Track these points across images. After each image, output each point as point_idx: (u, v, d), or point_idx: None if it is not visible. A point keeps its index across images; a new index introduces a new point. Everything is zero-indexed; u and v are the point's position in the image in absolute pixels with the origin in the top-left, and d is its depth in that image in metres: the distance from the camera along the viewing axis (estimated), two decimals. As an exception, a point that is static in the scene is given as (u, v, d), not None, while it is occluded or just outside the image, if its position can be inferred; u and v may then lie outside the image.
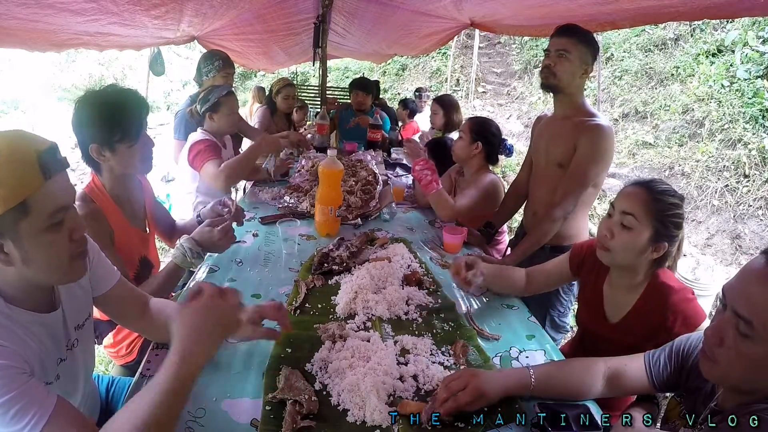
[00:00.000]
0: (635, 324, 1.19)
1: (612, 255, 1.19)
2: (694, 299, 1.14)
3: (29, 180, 0.70)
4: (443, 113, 3.43)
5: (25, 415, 0.67)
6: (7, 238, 0.72)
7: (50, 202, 0.73)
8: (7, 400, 0.67)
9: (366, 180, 2.26)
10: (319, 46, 4.15)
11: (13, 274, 0.76)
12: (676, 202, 1.13)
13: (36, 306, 0.83)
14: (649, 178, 1.20)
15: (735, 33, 6.22)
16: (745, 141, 5.29)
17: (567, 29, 1.65)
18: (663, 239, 1.13)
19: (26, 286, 0.80)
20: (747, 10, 1.61)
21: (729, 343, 0.75)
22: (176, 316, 0.79)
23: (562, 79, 1.66)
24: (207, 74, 2.69)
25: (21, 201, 0.70)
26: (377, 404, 0.91)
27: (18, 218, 0.71)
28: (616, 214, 1.17)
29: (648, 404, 1.09)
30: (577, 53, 1.62)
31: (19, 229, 0.71)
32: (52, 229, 0.74)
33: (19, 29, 1.67)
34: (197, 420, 0.89)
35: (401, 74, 11.88)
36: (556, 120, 1.78)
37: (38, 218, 0.72)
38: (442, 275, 1.57)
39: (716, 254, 4.74)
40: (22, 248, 0.73)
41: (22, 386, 0.69)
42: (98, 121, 1.24)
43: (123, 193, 1.42)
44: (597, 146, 1.61)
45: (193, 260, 1.34)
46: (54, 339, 0.86)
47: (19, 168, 0.70)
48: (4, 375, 0.68)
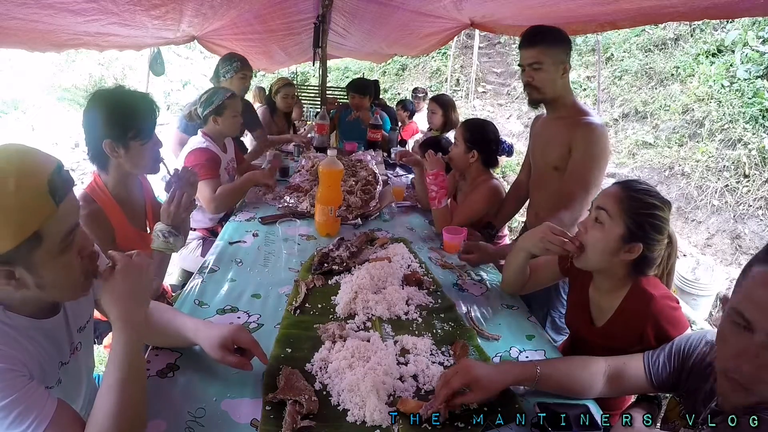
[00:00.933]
0: (618, 329, 1.16)
1: (585, 256, 1.16)
2: (678, 308, 1.10)
3: (41, 210, 0.68)
4: (442, 112, 3.42)
5: (26, 419, 0.67)
6: (20, 267, 0.70)
7: (62, 227, 0.72)
8: (7, 403, 0.66)
9: (366, 180, 2.26)
10: (319, 46, 4.15)
11: (24, 295, 0.75)
12: (653, 203, 1.08)
13: (35, 313, 0.82)
14: (633, 179, 1.17)
15: (735, 33, 6.23)
16: (745, 141, 5.29)
17: (531, 39, 1.62)
18: (636, 239, 1.09)
19: (19, 303, 0.78)
20: (747, 10, 1.61)
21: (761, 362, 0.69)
22: (103, 292, 0.81)
23: (546, 91, 1.64)
24: (224, 75, 2.69)
25: (34, 231, 0.68)
26: (377, 404, 0.91)
27: (32, 248, 0.69)
28: (593, 210, 1.16)
29: (648, 404, 1.09)
30: (550, 59, 1.60)
31: (34, 258, 0.70)
32: (64, 251, 0.74)
33: (19, 29, 1.67)
34: (197, 420, 0.89)
35: (401, 74, 11.88)
36: (550, 121, 1.76)
37: (52, 245, 0.71)
38: (442, 275, 1.57)
39: (716, 254, 4.75)
40: (37, 275, 0.72)
41: (22, 389, 0.68)
42: (113, 117, 1.26)
43: (124, 193, 1.42)
44: (593, 147, 1.58)
45: (167, 240, 1.32)
46: (55, 343, 0.86)
47: (30, 199, 0.67)
48: (3, 378, 0.67)
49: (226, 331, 0.99)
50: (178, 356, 1.07)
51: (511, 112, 8.95)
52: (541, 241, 1.24)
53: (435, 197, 1.90)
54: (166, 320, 1.07)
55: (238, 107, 2.18)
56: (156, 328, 1.06)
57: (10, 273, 0.70)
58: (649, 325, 1.08)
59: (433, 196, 1.91)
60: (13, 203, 0.65)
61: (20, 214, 0.66)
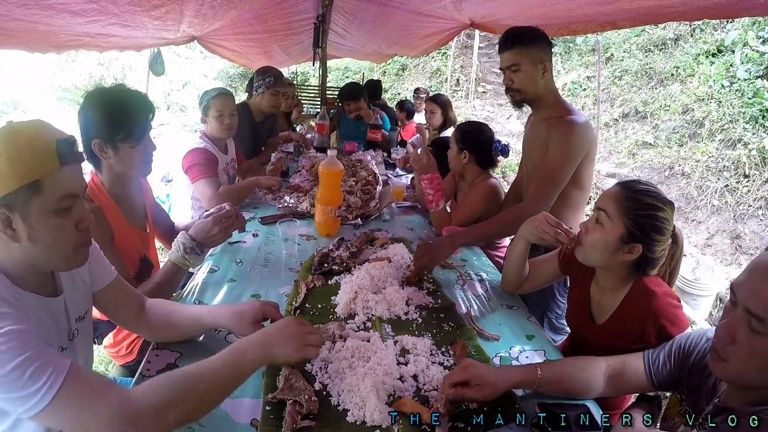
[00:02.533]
0: (619, 327, 1.17)
1: (584, 251, 1.17)
2: (679, 307, 1.11)
3: (46, 162, 0.76)
4: (441, 112, 3.43)
5: (42, 374, 0.68)
6: (17, 213, 0.76)
7: (61, 187, 0.78)
8: (24, 359, 0.67)
9: (366, 180, 2.26)
10: (319, 46, 4.15)
11: (18, 253, 0.79)
12: (653, 203, 1.08)
13: (39, 288, 0.85)
14: (633, 179, 1.17)
15: (735, 33, 6.23)
16: (745, 141, 5.29)
17: (507, 42, 1.61)
18: (636, 240, 1.08)
19: (29, 268, 0.83)
20: (747, 10, 1.61)
21: (741, 340, 0.74)
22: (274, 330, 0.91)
23: (527, 91, 1.63)
24: (257, 89, 2.66)
25: (35, 180, 0.75)
26: (377, 404, 0.91)
27: (30, 196, 0.75)
28: (594, 211, 1.17)
29: (648, 404, 1.09)
30: (528, 59, 1.59)
31: (30, 206, 0.76)
32: (60, 213, 0.79)
33: (19, 30, 1.67)
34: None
35: (401, 74, 11.89)
36: (535, 123, 1.75)
37: (48, 199, 0.77)
38: (442, 275, 1.57)
39: (716, 254, 4.75)
40: (30, 225, 0.77)
41: (38, 347, 0.70)
42: (104, 117, 1.25)
43: (122, 193, 1.41)
44: (565, 143, 1.57)
45: (187, 256, 1.31)
46: (57, 325, 0.89)
47: (38, 150, 0.75)
48: (20, 336, 0.69)
49: (256, 306, 1.06)
50: (178, 356, 1.07)
51: (511, 112, 8.96)
52: (536, 229, 1.26)
53: (432, 200, 1.90)
54: (176, 311, 1.09)
55: (224, 107, 2.10)
56: (167, 319, 1.08)
57: (7, 219, 0.76)
58: (650, 322, 1.08)
59: (430, 199, 1.90)
60: (23, 149, 0.74)
61: (27, 160, 0.74)
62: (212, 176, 1.99)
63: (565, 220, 1.66)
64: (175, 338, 1.10)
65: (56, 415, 0.69)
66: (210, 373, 0.80)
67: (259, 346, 0.86)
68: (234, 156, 2.35)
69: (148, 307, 1.09)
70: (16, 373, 0.66)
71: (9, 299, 0.76)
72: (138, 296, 1.10)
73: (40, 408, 0.67)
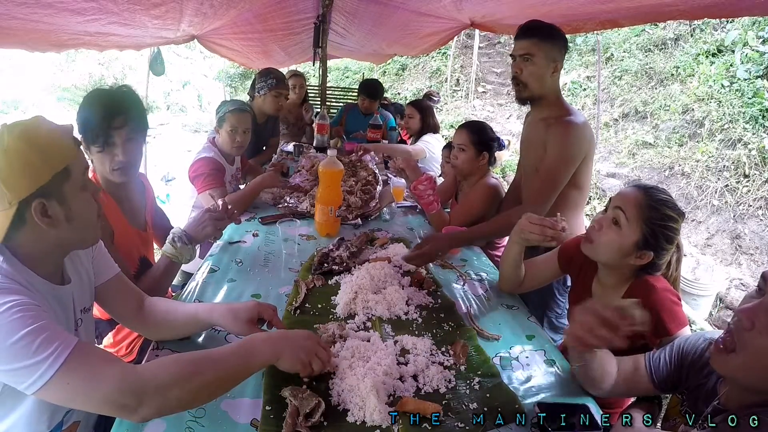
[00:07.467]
0: None
1: (595, 248, 1.17)
2: (679, 304, 1.11)
3: (69, 148, 0.84)
4: (420, 117, 3.44)
5: (50, 345, 0.70)
6: (53, 200, 0.81)
7: (81, 167, 0.87)
8: (34, 329, 0.69)
9: (366, 180, 2.26)
10: (319, 46, 4.15)
11: (52, 237, 0.83)
12: (671, 215, 1.09)
13: (50, 277, 0.87)
14: (653, 185, 1.17)
15: (735, 33, 6.23)
16: (745, 141, 5.29)
17: (528, 29, 1.60)
18: (649, 248, 1.10)
19: (46, 256, 0.86)
20: (747, 9, 1.61)
21: (760, 327, 0.73)
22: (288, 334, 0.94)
23: (534, 88, 1.62)
24: (259, 91, 2.64)
25: (65, 166, 0.82)
26: (377, 404, 0.90)
27: (62, 181, 0.82)
28: (610, 209, 1.16)
29: (648, 404, 1.09)
30: (542, 53, 1.58)
31: (64, 190, 0.83)
32: (84, 188, 0.87)
33: (19, 29, 1.67)
34: (197, 420, 0.89)
35: (401, 74, 11.88)
36: (533, 122, 1.74)
37: (77, 179, 0.85)
38: (442, 275, 1.57)
39: (716, 254, 4.74)
40: (67, 207, 0.83)
41: (47, 320, 0.73)
42: (80, 117, 1.26)
43: (119, 192, 1.41)
44: (563, 144, 1.56)
45: (177, 245, 1.31)
46: (65, 313, 0.91)
47: (61, 139, 0.83)
48: (30, 308, 0.72)
49: (252, 305, 1.05)
50: (178, 356, 1.07)
51: (511, 112, 8.96)
52: (522, 233, 1.25)
53: (431, 201, 1.89)
54: (173, 308, 1.09)
55: (238, 123, 2.04)
56: (164, 317, 1.08)
57: (44, 208, 0.80)
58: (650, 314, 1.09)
59: (429, 201, 1.89)
60: (48, 141, 0.81)
61: (55, 150, 0.81)
62: (218, 187, 1.97)
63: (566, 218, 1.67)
64: (173, 336, 1.10)
65: (61, 387, 0.70)
66: (220, 360, 0.81)
67: (270, 346, 0.87)
68: (239, 166, 2.34)
69: (146, 305, 1.10)
70: (25, 340, 0.68)
71: (23, 282, 0.79)
72: (138, 293, 1.10)
73: (46, 379, 0.68)
